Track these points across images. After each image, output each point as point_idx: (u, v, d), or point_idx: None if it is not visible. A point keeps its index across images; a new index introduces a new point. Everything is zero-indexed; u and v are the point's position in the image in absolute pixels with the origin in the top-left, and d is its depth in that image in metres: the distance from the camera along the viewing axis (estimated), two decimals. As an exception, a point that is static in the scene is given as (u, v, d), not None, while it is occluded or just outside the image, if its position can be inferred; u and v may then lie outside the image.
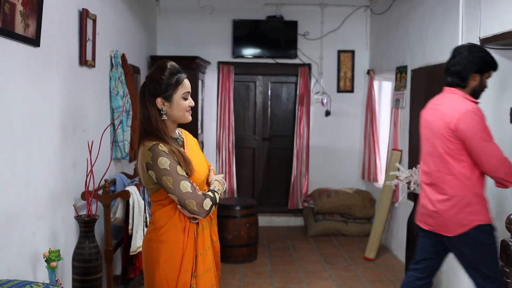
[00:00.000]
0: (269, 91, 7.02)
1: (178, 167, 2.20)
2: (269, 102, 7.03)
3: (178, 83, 2.29)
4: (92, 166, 3.14)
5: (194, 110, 5.65)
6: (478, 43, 3.71)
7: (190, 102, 2.34)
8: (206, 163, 2.48)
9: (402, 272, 4.79)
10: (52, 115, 3.09)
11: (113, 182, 4.11)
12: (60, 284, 2.70)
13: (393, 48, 5.79)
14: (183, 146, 2.39)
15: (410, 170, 4.21)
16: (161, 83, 2.26)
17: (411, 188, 4.18)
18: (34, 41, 2.81)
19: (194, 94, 5.73)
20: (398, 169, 4.33)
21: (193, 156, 2.36)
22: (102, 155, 4.08)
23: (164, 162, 2.18)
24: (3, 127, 2.48)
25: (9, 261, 2.55)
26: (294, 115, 6.93)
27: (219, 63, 6.77)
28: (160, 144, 2.21)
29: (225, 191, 6.59)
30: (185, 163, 2.24)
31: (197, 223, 2.31)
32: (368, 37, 6.75)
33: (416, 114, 4.98)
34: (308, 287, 4.59)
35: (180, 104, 2.29)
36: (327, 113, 6.86)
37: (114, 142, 4.41)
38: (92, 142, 3.22)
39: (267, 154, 7.08)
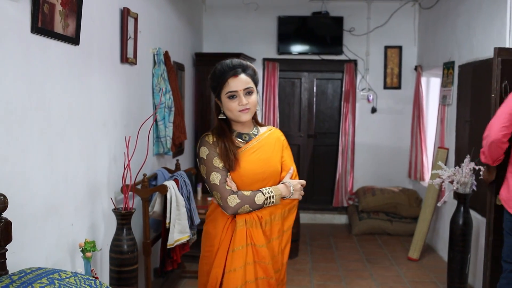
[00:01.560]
0: (315, 88, 6.97)
1: (216, 159, 2.26)
2: (314, 99, 6.99)
3: (220, 84, 2.31)
4: (129, 161, 3.22)
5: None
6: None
7: (240, 101, 2.31)
8: (276, 164, 2.41)
9: (446, 273, 4.65)
10: (92, 110, 3.20)
11: (154, 176, 4.21)
12: (95, 273, 2.79)
13: (440, 44, 5.61)
14: (248, 142, 2.39)
15: (453, 169, 4.08)
16: (210, 85, 2.38)
17: (454, 188, 4.05)
18: (74, 40, 2.92)
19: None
20: (441, 168, 4.20)
21: (253, 155, 2.35)
22: (144, 150, 4.20)
23: (204, 151, 2.29)
24: (42, 122, 2.59)
25: (47, 251, 2.66)
26: (339, 112, 6.86)
27: (264, 59, 6.79)
28: (209, 135, 2.33)
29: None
30: (226, 157, 2.27)
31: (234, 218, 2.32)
32: (416, 32, 6.57)
33: (463, 111, 4.82)
34: (348, 286, 4.54)
35: (225, 104, 2.33)
36: (373, 110, 6.74)
37: (156, 137, 4.51)
38: (130, 137, 3.31)
39: (312, 151, 7.04)
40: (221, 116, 2.37)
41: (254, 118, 2.49)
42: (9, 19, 2.31)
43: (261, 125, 2.53)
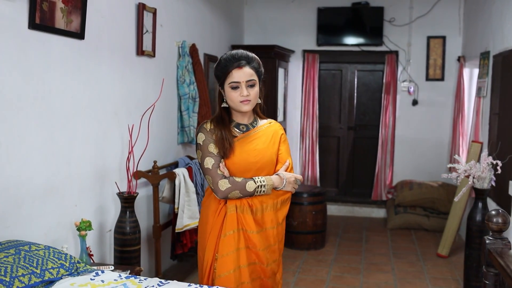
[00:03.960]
0: (356, 80, 6.90)
1: (211, 145, 2.36)
2: (355, 91, 6.92)
3: (225, 74, 2.37)
4: (132, 147, 3.43)
5: (272, 98, 5.82)
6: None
7: (241, 92, 2.37)
8: (271, 155, 2.47)
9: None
10: (101, 100, 3.42)
11: (176, 164, 4.42)
12: (90, 251, 3.01)
13: (479, 33, 5.38)
14: (245, 132, 2.46)
15: (470, 163, 3.94)
16: (215, 73, 2.45)
17: (470, 182, 3.92)
18: (79, 35, 3.15)
19: (273, 83, 5.89)
20: (458, 162, 4.07)
21: (248, 145, 2.43)
22: (167, 138, 4.42)
23: (200, 137, 2.40)
24: (41, 111, 2.84)
25: (46, 228, 2.92)
26: (380, 104, 6.74)
27: (304, 51, 6.81)
28: (207, 122, 2.44)
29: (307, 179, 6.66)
30: (221, 144, 2.36)
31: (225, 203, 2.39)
32: (461, 21, 6.31)
33: (494, 103, 4.63)
34: (364, 279, 4.52)
35: (228, 94, 2.39)
36: (414, 102, 6.57)
37: (181, 127, 4.71)
38: (133, 125, 3.52)
39: (352, 144, 6.98)
40: (224, 105, 2.44)
41: (256, 110, 2.56)
42: (5, 17, 2.56)
43: (261, 118, 2.59)
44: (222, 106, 2.45)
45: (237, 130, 2.47)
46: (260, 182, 2.36)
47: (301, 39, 6.79)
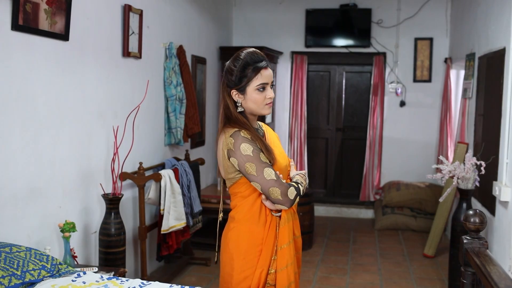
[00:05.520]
0: (344, 81, 6.93)
1: (262, 154, 2.09)
2: (343, 92, 6.95)
3: (252, 74, 2.13)
4: (117, 149, 3.43)
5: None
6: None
7: (268, 94, 2.16)
8: (286, 157, 2.32)
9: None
10: (86, 101, 3.42)
11: (163, 165, 4.42)
12: (74, 252, 3.01)
13: (465, 35, 5.43)
14: (264, 137, 2.28)
15: (454, 164, 3.98)
16: (233, 75, 2.15)
17: (455, 183, 3.95)
18: (63, 36, 3.15)
19: (261, 84, 5.90)
20: (442, 162, 4.10)
21: (273, 147, 2.24)
22: (154, 139, 4.42)
23: (247, 148, 2.07)
24: (24, 112, 2.83)
25: (29, 230, 2.91)
26: (368, 106, 6.78)
27: (293, 53, 6.83)
28: (242, 130, 2.12)
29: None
30: (267, 151, 2.13)
31: (279, 217, 2.15)
32: (448, 23, 6.36)
33: (479, 105, 4.67)
34: (350, 279, 4.54)
35: (253, 97, 2.15)
36: (402, 104, 6.61)
37: (168, 128, 4.71)
38: (118, 126, 3.51)
39: (340, 145, 7.01)
40: (240, 109, 2.18)
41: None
42: (-13, 18, 2.56)
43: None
44: (238, 110, 2.18)
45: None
46: (301, 183, 2.18)
47: (290, 41, 6.81)
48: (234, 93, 2.16)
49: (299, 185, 2.13)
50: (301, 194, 2.14)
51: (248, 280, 2.12)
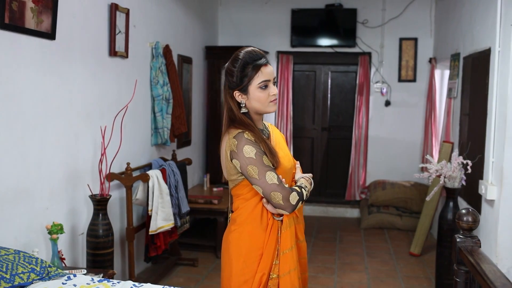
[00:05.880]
0: (329, 81, 6.95)
1: (265, 157, 2.04)
2: (329, 92, 6.97)
3: (253, 73, 2.09)
4: (104, 149, 3.39)
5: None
6: (512, 28, 3.46)
7: (271, 91, 2.11)
8: (292, 159, 2.27)
9: (442, 270, 4.58)
10: (73, 102, 3.37)
11: (150, 166, 4.38)
12: (62, 254, 2.96)
13: (450, 35, 5.48)
14: (268, 138, 2.22)
15: (441, 163, 4.01)
16: (234, 76, 2.11)
17: (441, 182, 3.99)
18: (49, 35, 3.10)
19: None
20: (429, 161, 4.14)
21: (278, 150, 2.18)
22: (139, 139, 4.37)
23: (250, 150, 2.02)
24: (12, 113, 2.78)
25: (16, 232, 2.86)
26: (353, 105, 6.81)
27: (278, 52, 6.83)
28: (246, 132, 2.06)
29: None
30: (271, 154, 2.08)
31: (281, 221, 2.10)
32: (433, 24, 6.42)
33: (465, 104, 4.72)
34: (338, 278, 4.56)
35: (256, 96, 2.10)
36: (387, 103, 6.66)
37: (155, 128, 4.67)
38: (105, 126, 3.47)
39: (326, 144, 7.04)
40: (244, 110, 2.14)
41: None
42: (-28, 16, 2.50)
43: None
44: (242, 111, 2.13)
45: (264, 137, 2.20)
46: (306, 187, 2.14)
47: (275, 41, 6.81)
48: (236, 94, 2.12)
49: (302, 189, 2.09)
50: (305, 198, 2.09)
51: (248, 284, 2.08)
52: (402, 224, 6.11)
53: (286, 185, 2.05)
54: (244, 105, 2.12)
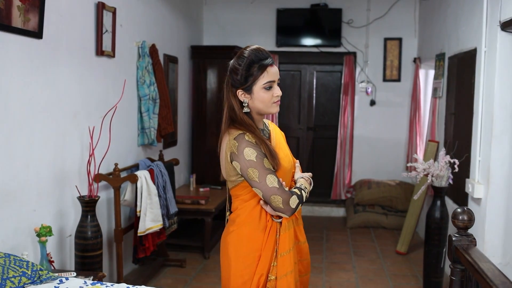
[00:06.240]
0: (314, 80, 6.97)
1: (265, 160, 2.01)
2: (314, 91, 6.98)
3: (258, 73, 2.03)
4: (93, 150, 3.34)
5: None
6: (499, 27, 3.50)
7: (275, 92, 2.07)
8: (292, 158, 2.24)
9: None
10: (60, 102, 3.31)
11: (137, 166, 4.33)
12: (51, 257, 2.91)
13: (435, 35, 5.54)
14: (269, 138, 2.20)
15: (429, 162, 4.04)
16: (238, 74, 2.05)
17: (429, 181, 4.02)
18: (36, 34, 3.04)
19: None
20: (417, 160, 4.17)
21: (279, 150, 2.15)
22: (126, 140, 4.32)
23: (251, 153, 1.99)
24: (-2, 112, 2.73)
25: (3, 235, 2.80)
26: (338, 105, 6.84)
27: (264, 52, 6.81)
28: (247, 133, 2.03)
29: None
30: (271, 156, 2.04)
31: (280, 223, 2.08)
32: (417, 24, 6.48)
33: (450, 104, 4.77)
34: (327, 277, 4.57)
35: (261, 96, 2.05)
36: (372, 103, 6.70)
37: (141, 128, 4.62)
38: (94, 127, 3.42)
39: (311, 144, 7.05)
40: (246, 110, 2.09)
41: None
42: (-42, 14, 2.44)
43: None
44: (244, 111, 2.09)
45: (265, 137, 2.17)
46: (305, 188, 2.11)
47: (261, 40, 6.79)
48: (240, 93, 2.07)
49: (302, 191, 2.06)
50: (304, 200, 2.07)
51: (247, 285, 2.06)
52: (387, 223, 6.15)
53: (286, 188, 2.02)
54: (246, 104, 2.08)
